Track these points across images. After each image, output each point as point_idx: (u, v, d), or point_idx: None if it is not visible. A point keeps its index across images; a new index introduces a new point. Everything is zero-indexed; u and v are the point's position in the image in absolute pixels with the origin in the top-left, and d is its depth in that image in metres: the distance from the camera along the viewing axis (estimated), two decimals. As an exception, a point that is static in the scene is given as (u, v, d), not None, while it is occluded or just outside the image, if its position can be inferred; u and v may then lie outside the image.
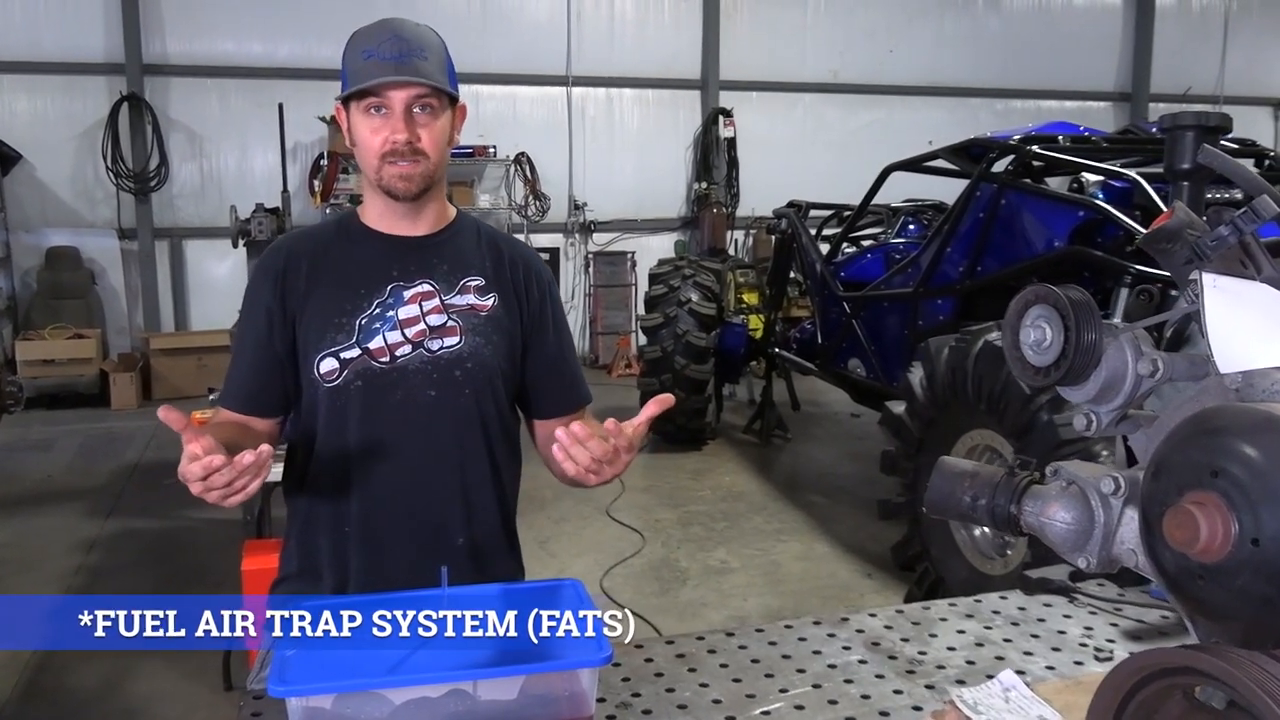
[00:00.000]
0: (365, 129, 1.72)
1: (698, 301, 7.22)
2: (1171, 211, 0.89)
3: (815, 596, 4.96)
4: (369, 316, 1.76)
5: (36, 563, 5.33)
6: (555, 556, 5.49)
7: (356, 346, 1.75)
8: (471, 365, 1.80)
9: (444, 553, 1.82)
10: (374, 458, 1.76)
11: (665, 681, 1.74)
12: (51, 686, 4.01)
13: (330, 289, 1.78)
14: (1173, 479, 0.77)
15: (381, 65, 1.67)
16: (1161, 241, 0.89)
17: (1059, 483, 1.00)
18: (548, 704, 1.50)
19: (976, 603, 2.09)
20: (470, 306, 1.82)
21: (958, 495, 1.05)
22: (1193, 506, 0.73)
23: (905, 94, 12.03)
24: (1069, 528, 0.97)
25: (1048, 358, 0.94)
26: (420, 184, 1.75)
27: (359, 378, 1.74)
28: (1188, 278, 0.87)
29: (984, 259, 4.97)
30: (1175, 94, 12.84)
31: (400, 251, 1.82)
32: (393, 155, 1.71)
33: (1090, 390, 0.93)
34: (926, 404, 4.37)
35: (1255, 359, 0.81)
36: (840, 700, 1.67)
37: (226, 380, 1.84)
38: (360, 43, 1.72)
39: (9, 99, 9.55)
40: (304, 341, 1.77)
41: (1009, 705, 1.17)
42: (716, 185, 11.27)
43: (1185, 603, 0.77)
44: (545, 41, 10.76)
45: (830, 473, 7.17)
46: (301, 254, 1.81)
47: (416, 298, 1.79)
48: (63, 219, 9.76)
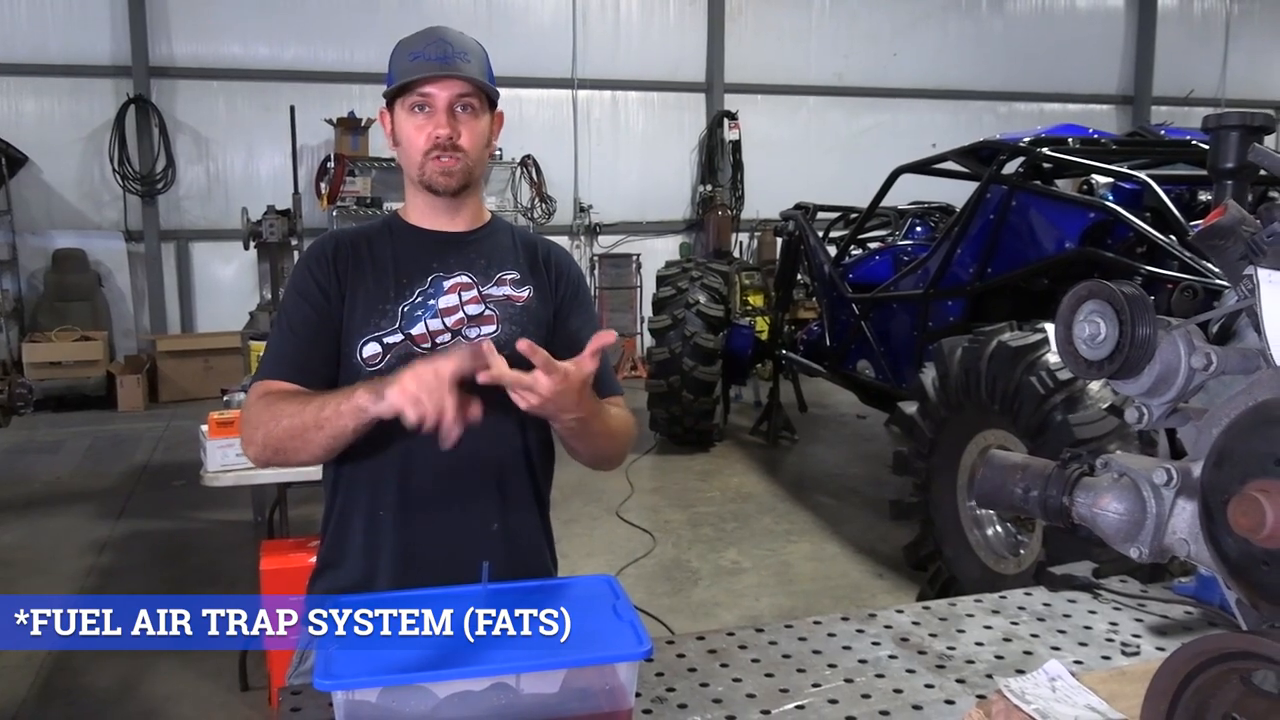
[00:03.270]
0: (410, 126, 1.81)
1: (705, 303, 7.24)
2: (1224, 209, 0.91)
3: (827, 596, 4.98)
4: (411, 304, 1.82)
5: (47, 565, 5.34)
6: (566, 557, 5.44)
7: (399, 332, 1.81)
8: (509, 354, 1.82)
9: (480, 539, 1.86)
10: (412, 444, 1.78)
11: (699, 676, 1.76)
12: (67, 686, 4.02)
13: (376, 277, 1.84)
14: (1236, 468, 0.79)
15: (427, 64, 1.77)
16: (1215, 238, 0.90)
17: (1111, 474, 1.02)
18: (588, 698, 1.52)
19: (1001, 599, 2.11)
20: (506, 297, 1.88)
21: (1009, 488, 1.07)
22: (1258, 494, 0.75)
23: (909, 97, 12.06)
24: (1122, 518, 0.98)
25: (1102, 352, 0.96)
26: (460, 179, 1.83)
27: (400, 362, 1.76)
28: (1241, 273, 0.89)
29: (994, 260, 4.99)
30: (1177, 97, 12.89)
31: (441, 245, 1.89)
32: (436, 150, 1.79)
33: (1144, 384, 0.95)
34: (939, 404, 4.39)
35: (1312, 351, 0.82)
36: (873, 694, 1.69)
37: (273, 354, 1.84)
38: (406, 47, 1.81)
39: (16, 101, 9.56)
40: (349, 325, 1.81)
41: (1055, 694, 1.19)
42: (721, 188, 11.29)
43: (1247, 589, 0.79)
44: (550, 44, 10.79)
45: (838, 474, 7.19)
46: (350, 246, 1.87)
47: (455, 288, 1.85)
48: (69, 221, 9.78)
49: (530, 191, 10.75)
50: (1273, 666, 0.79)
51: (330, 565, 1.91)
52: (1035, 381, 3.73)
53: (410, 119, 1.80)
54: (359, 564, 1.86)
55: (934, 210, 6.89)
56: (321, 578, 1.93)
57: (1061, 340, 1.00)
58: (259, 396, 1.79)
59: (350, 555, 1.87)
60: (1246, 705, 0.85)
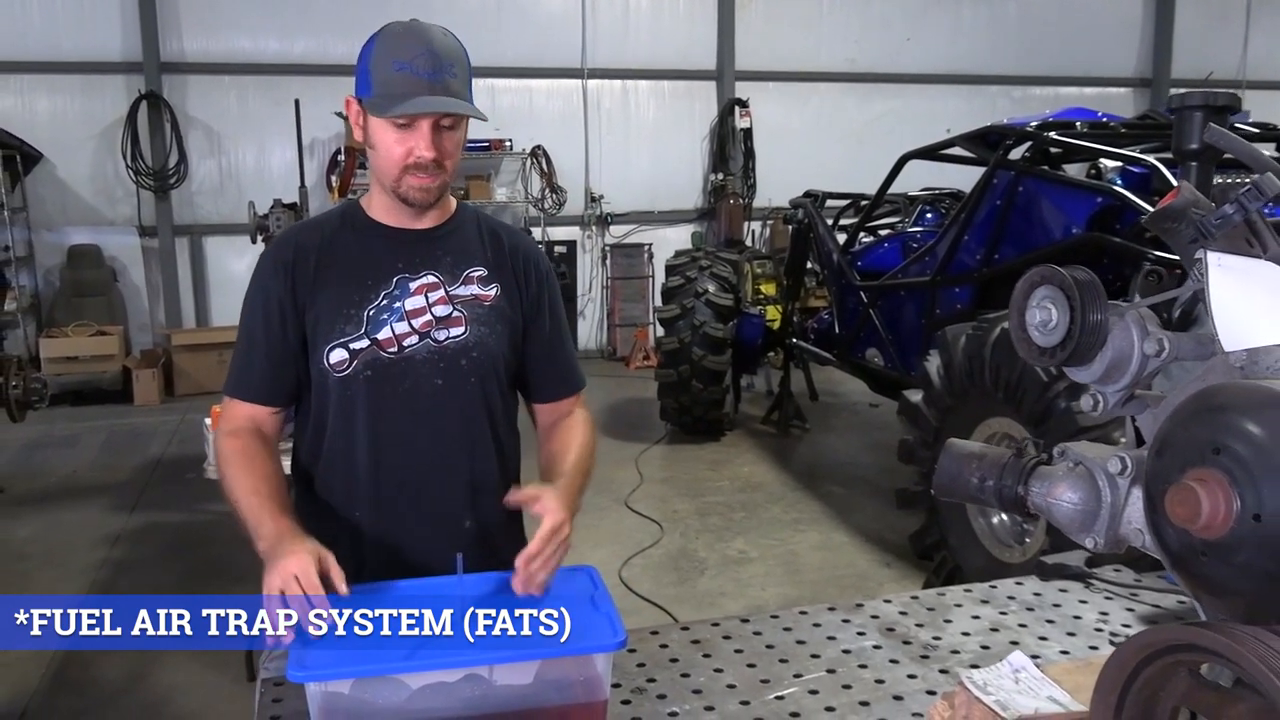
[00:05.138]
0: (389, 137, 1.73)
1: (715, 293, 7.21)
2: (1177, 191, 0.89)
3: (834, 586, 4.96)
4: (376, 308, 1.79)
5: (62, 557, 5.39)
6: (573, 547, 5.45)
7: (365, 337, 1.78)
8: (477, 354, 1.84)
9: (453, 536, 1.86)
10: (383, 446, 1.80)
11: (680, 667, 1.75)
12: (78, 678, 4.06)
13: (339, 281, 1.81)
14: (1176, 456, 0.77)
15: (415, 82, 1.68)
16: (1167, 221, 0.89)
17: (1066, 463, 1.00)
18: (563, 688, 1.51)
19: (992, 588, 2.10)
20: (474, 297, 1.85)
21: (965, 477, 1.05)
22: (1194, 483, 0.73)
23: (922, 82, 11.96)
24: (1075, 508, 0.97)
25: (1054, 338, 0.94)
26: (438, 195, 1.80)
27: (368, 368, 1.77)
28: (1194, 257, 0.87)
29: (1001, 246, 4.94)
30: (1197, 79, 12.70)
31: (405, 244, 1.85)
32: (416, 169, 1.73)
33: (1096, 370, 0.94)
34: (944, 392, 4.36)
35: (1260, 337, 0.80)
36: (854, 685, 1.68)
37: (237, 371, 1.85)
38: (391, 49, 1.71)
39: (30, 99, 9.63)
40: (313, 332, 1.80)
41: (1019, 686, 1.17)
42: (733, 176, 11.25)
43: (1189, 580, 0.77)
44: (560, 34, 10.76)
45: (849, 463, 7.16)
46: (309, 246, 1.83)
47: (422, 289, 1.82)
48: (84, 217, 9.85)
49: (541, 182, 10.74)
50: (1216, 659, 0.78)
51: None
52: (1038, 369, 3.70)
53: (390, 130, 1.72)
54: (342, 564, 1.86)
55: (944, 196, 6.84)
56: None
57: (1015, 327, 0.98)
58: (230, 429, 1.81)
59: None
60: (1195, 698, 0.84)
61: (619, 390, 9.50)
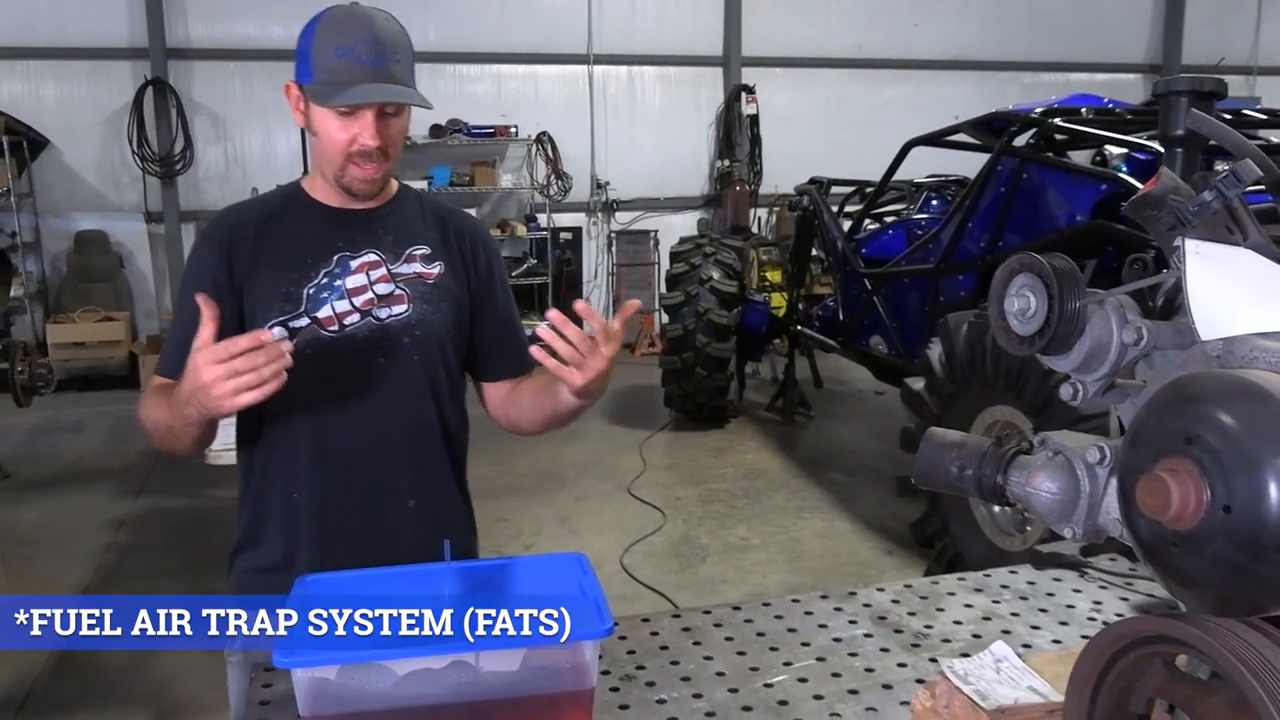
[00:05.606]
0: (331, 125, 1.70)
1: (719, 279, 7.20)
2: (1158, 178, 0.88)
3: (835, 574, 4.97)
4: (316, 286, 1.77)
5: (68, 541, 5.43)
6: (576, 534, 5.53)
7: (305, 315, 1.76)
8: (420, 332, 1.83)
9: (396, 517, 1.86)
10: (325, 425, 1.77)
11: (670, 654, 1.75)
12: (82, 661, 4.09)
13: (277, 259, 1.78)
14: (1148, 446, 0.77)
15: (358, 69, 1.65)
16: (1146, 208, 0.87)
17: (1045, 452, 1.00)
18: (550, 676, 1.51)
19: (986, 577, 2.09)
20: (417, 275, 1.84)
21: (945, 466, 1.05)
22: (1165, 474, 0.72)
23: (930, 68, 11.87)
24: (1054, 498, 0.96)
25: (1032, 326, 0.93)
26: (381, 185, 1.78)
27: (308, 346, 1.74)
28: (1173, 244, 0.86)
29: (1005, 234, 4.92)
30: (1208, 65, 12.59)
31: (346, 223, 1.82)
32: (360, 157, 1.71)
33: (1075, 359, 0.93)
34: (945, 380, 4.35)
35: (1236, 325, 0.80)
36: (844, 673, 1.68)
37: (167, 352, 1.82)
38: (333, 34, 1.68)
39: (36, 85, 9.62)
40: (252, 311, 1.77)
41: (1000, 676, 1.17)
42: (739, 163, 11.20)
43: (1161, 572, 0.76)
44: (566, 20, 10.70)
45: (853, 450, 7.16)
46: (247, 225, 1.81)
47: (363, 267, 1.80)
48: (90, 203, 9.85)
49: (546, 168, 10.71)
50: (1189, 651, 0.77)
51: (249, 545, 1.91)
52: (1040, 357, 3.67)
53: (332, 117, 1.69)
54: (278, 544, 1.85)
55: (950, 183, 6.80)
56: (241, 556, 1.93)
57: (995, 315, 0.97)
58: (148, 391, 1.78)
59: (269, 535, 1.86)
60: (1171, 689, 0.83)
61: (623, 377, 9.47)
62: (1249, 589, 0.69)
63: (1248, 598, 0.70)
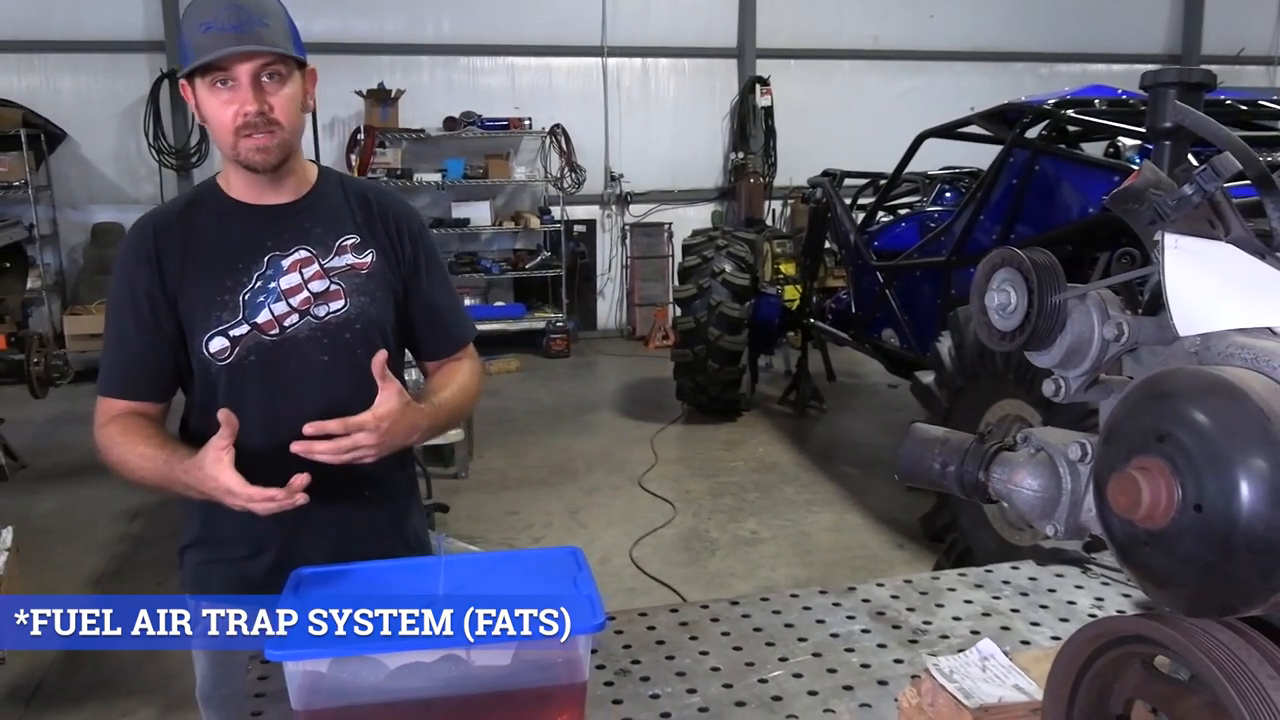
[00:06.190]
0: (214, 103, 1.69)
1: (731, 272, 7.18)
2: (1139, 171, 0.86)
3: (845, 567, 4.95)
4: (251, 291, 1.76)
5: (82, 532, 5.47)
6: (586, 527, 5.53)
7: (244, 323, 1.76)
8: (360, 326, 1.83)
9: (354, 509, 1.87)
10: (275, 426, 1.73)
11: (666, 649, 1.75)
12: (92, 653, 4.12)
13: (207, 267, 1.77)
14: (1122, 444, 0.75)
15: (222, 37, 1.63)
16: (1128, 202, 0.86)
17: (1027, 449, 0.98)
18: (542, 669, 1.51)
19: (987, 573, 2.07)
20: (350, 267, 1.83)
21: (928, 462, 1.04)
22: (1136, 472, 0.71)
23: (946, 59, 11.79)
24: (1036, 494, 0.95)
25: (1013, 321, 0.92)
26: (278, 154, 1.74)
27: (251, 353, 1.75)
28: (1153, 238, 0.85)
29: (1018, 226, 4.88)
30: (1228, 55, 12.46)
31: (271, 220, 1.81)
32: (247, 128, 1.69)
33: (1056, 355, 0.92)
34: (955, 374, 4.32)
35: (1214, 321, 0.78)
36: (839, 669, 1.67)
37: (108, 369, 1.81)
38: (197, 14, 1.67)
39: (54, 78, 9.69)
40: (189, 322, 1.76)
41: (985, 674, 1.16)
42: (754, 155, 11.15)
43: (1134, 571, 0.75)
44: (580, 12, 10.68)
45: (865, 444, 7.13)
46: (170, 232, 1.79)
47: (295, 265, 1.79)
48: (107, 195, 9.92)
49: (560, 161, 10.70)
50: (1164, 651, 0.76)
51: (205, 541, 1.92)
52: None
53: (213, 95, 1.68)
54: (237, 540, 1.87)
55: (964, 175, 6.75)
56: (194, 550, 1.94)
57: (976, 310, 0.96)
58: (104, 422, 1.77)
59: (228, 531, 1.86)
60: (1149, 690, 0.82)
61: (637, 370, 9.50)
62: (1221, 589, 0.68)
63: (1220, 598, 0.69)
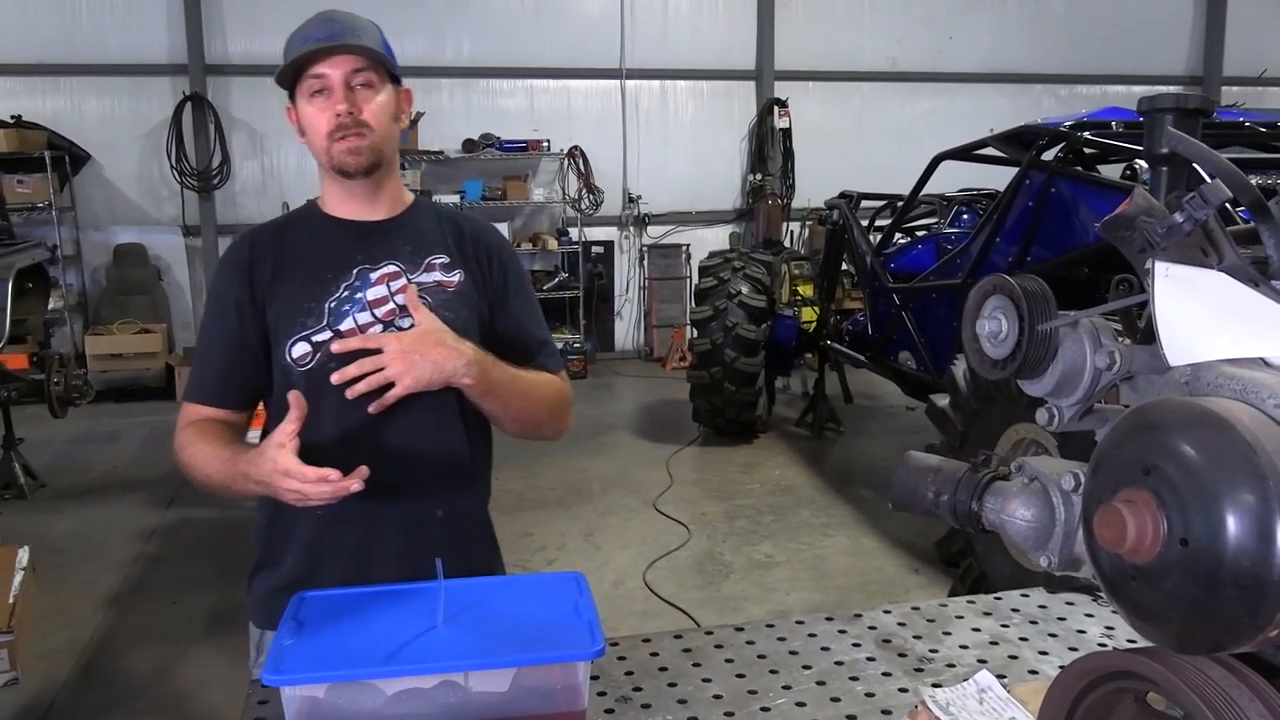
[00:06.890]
0: (310, 112, 1.77)
1: (748, 294, 7.17)
2: (1131, 198, 0.85)
3: (860, 592, 4.91)
4: (337, 300, 1.79)
5: (98, 551, 5.50)
6: (600, 549, 5.51)
7: (328, 329, 1.78)
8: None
9: (423, 526, 1.86)
10: (350, 437, 1.77)
11: (669, 676, 1.73)
12: (106, 670, 4.14)
13: (297, 276, 1.81)
14: (1109, 476, 0.74)
15: (316, 45, 1.73)
16: (1119, 229, 0.85)
17: (1021, 479, 0.97)
18: (540, 696, 1.50)
19: (996, 600, 2.05)
20: (437, 283, 1.85)
21: (922, 491, 1.02)
22: (1121, 505, 0.70)
23: (965, 81, 11.77)
24: (1029, 525, 0.94)
25: (1004, 349, 0.91)
26: (369, 157, 1.79)
27: (331, 359, 1.76)
28: (1144, 266, 0.84)
29: (1034, 248, 4.85)
30: (1250, 76, 12.40)
31: (363, 235, 1.85)
32: (338, 130, 1.75)
33: (1048, 383, 0.90)
34: (970, 397, 4.29)
35: (1205, 351, 0.77)
36: (843, 697, 1.65)
37: (196, 376, 1.87)
38: (298, 34, 1.78)
39: (79, 101, 9.82)
40: (275, 329, 1.80)
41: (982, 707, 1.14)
42: (772, 176, 11.16)
43: (1122, 605, 0.74)
44: (598, 34, 10.74)
45: (882, 467, 7.07)
46: (266, 244, 1.85)
47: (383, 279, 1.82)
48: (130, 217, 10.02)
49: (578, 182, 10.74)
50: (1154, 687, 0.74)
51: (269, 564, 1.92)
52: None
53: (310, 105, 1.77)
54: (301, 561, 1.86)
55: (981, 197, 6.73)
56: (260, 576, 1.95)
57: (968, 338, 0.95)
58: (184, 425, 1.82)
59: (291, 553, 1.87)
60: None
61: (654, 391, 9.49)
62: (1208, 626, 0.67)
63: (1207, 634, 0.67)
